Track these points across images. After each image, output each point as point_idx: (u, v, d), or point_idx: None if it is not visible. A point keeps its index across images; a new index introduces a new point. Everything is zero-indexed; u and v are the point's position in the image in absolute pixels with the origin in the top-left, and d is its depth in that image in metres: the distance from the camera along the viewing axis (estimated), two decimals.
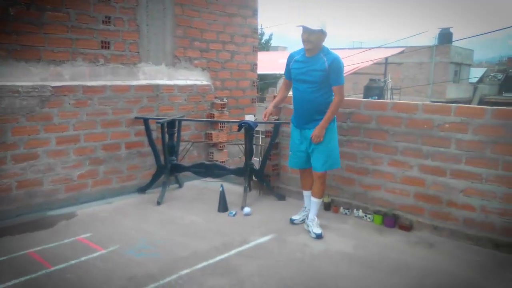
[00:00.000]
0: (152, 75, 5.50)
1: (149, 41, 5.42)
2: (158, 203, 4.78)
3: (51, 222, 4.20)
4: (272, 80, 22.56)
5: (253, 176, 5.02)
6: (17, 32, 4.29)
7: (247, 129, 4.76)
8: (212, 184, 5.44)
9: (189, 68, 5.95)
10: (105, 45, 4.97)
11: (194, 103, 5.90)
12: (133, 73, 5.29)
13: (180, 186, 5.50)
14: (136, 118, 5.18)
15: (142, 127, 5.15)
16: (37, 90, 4.35)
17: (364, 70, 21.40)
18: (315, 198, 4.08)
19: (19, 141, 4.29)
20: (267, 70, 19.42)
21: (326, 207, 4.64)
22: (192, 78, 5.98)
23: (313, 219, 4.06)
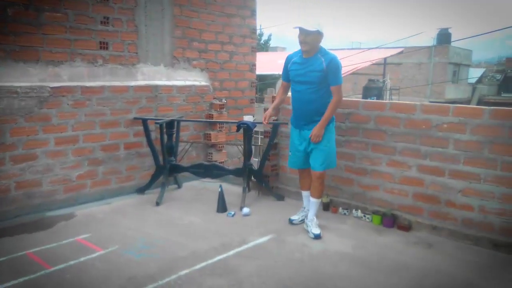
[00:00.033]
0: (151, 75, 5.50)
1: (147, 42, 5.42)
2: (157, 204, 4.78)
3: (50, 222, 4.20)
4: (271, 80, 22.57)
5: (252, 176, 5.03)
6: (15, 33, 4.28)
7: (246, 129, 4.76)
8: (211, 184, 5.44)
9: (187, 69, 5.95)
10: (104, 45, 4.97)
11: (193, 104, 5.90)
12: (132, 73, 5.29)
13: (179, 187, 5.50)
14: (135, 118, 5.18)
15: (141, 128, 5.15)
16: (35, 91, 4.35)
17: (363, 70, 21.45)
18: (314, 198, 4.09)
19: (18, 141, 4.28)
20: (266, 70, 19.45)
21: (325, 207, 4.64)
22: (191, 78, 5.98)
23: (312, 219, 4.06)
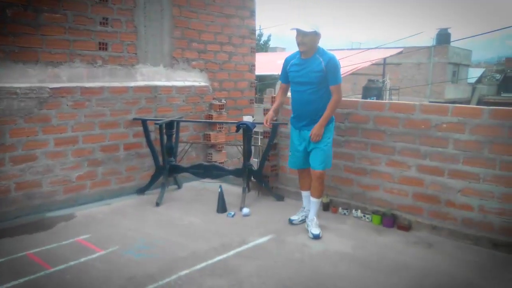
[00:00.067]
0: (150, 76, 5.50)
1: (147, 42, 5.42)
2: (157, 204, 4.78)
3: (50, 223, 4.20)
4: (271, 81, 22.57)
5: (251, 176, 5.03)
6: (15, 34, 4.28)
7: (246, 130, 4.77)
8: (210, 185, 5.44)
9: (187, 69, 5.95)
10: (103, 46, 4.97)
11: (192, 104, 5.90)
12: (131, 74, 5.29)
13: (179, 187, 5.50)
14: (134, 119, 5.18)
15: (141, 128, 5.15)
16: (35, 92, 4.35)
17: (362, 70, 21.45)
18: (314, 198, 4.09)
19: (17, 142, 4.28)
20: (266, 71, 19.47)
21: (325, 207, 4.64)
22: (190, 79, 5.98)
23: (313, 219, 4.06)
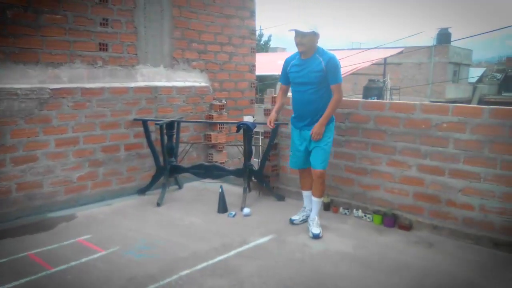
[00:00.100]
0: (151, 76, 5.50)
1: (147, 43, 5.43)
2: (158, 205, 4.78)
3: (51, 224, 4.21)
4: (271, 81, 22.58)
5: (252, 177, 5.03)
6: (15, 35, 4.29)
7: (246, 130, 4.77)
8: (211, 185, 5.44)
9: (187, 70, 5.96)
10: (103, 47, 4.97)
11: (193, 105, 5.91)
12: (131, 75, 5.30)
13: (179, 188, 5.50)
14: (135, 119, 5.19)
15: (141, 129, 5.16)
16: (35, 93, 4.36)
17: (363, 70, 21.45)
18: (315, 198, 4.09)
19: (18, 143, 4.29)
20: (266, 71, 19.47)
21: (326, 207, 4.64)
22: (191, 79, 5.98)
23: (314, 218, 4.07)
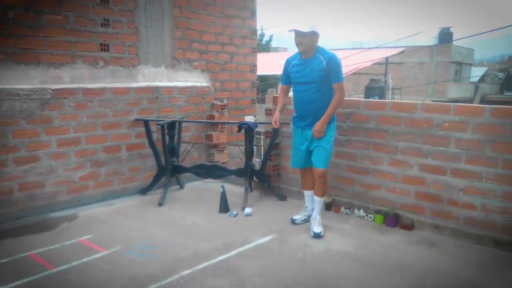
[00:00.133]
0: (152, 77, 5.51)
1: (148, 43, 5.43)
2: (160, 204, 4.79)
3: (53, 224, 4.22)
4: (273, 81, 22.57)
5: (253, 176, 5.03)
6: (16, 36, 4.30)
7: (247, 130, 4.77)
8: (213, 185, 5.45)
9: (188, 70, 5.96)
10: (104, 47, 4.98)
11: (194, 105, 5.91)
12: (133, 75, 5.30)
13: (181, 187, 5.51)
14: (136, 120, 5.20)
15: (143, 129, 5.17)
16: (37, 93, 4.37)
17: (364, 70, 21.41)
18: (317, 197, 4.09)
19: (20, 144, 4.30)
20: (268, 71, 19.45)
21: (327, 207, 4.64)
22: (192, 79, 5.99)
23: (315, 217, 4.07)
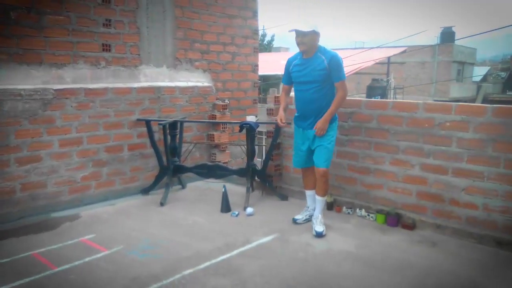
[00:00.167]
0: (153, 77, 5.52)
1: (149, 44, 5.44)
2: (161, 204, 4.80)
3: (55, 223, 4.23)
4: (275, 81, 22.57)
5: (255, 176, 5.03)
6: (18, 36, 4.31)
7: (249, 129, 4.77)
8: (214, 185, 5.46)
9: (190, 70, 5.97)
10: (106, 47, 4.99)
11: (196, 105, 5.92)
12: (134, 75, 5.31)
13: (183, 187, 5.52)
14: (138, 120, 5.21)
15: (144, 129, 5.18)
16: (39, 93, 4.38)
17: (366, 70, 21.41)
18: (319, 197, 4.10)
19: (22, 144, 4.31)
20: (270, 71, 19.45)
21: (329, 206, 4.64)
22: (193, 79, 6.00)
23: (317, 217, 4.07)
